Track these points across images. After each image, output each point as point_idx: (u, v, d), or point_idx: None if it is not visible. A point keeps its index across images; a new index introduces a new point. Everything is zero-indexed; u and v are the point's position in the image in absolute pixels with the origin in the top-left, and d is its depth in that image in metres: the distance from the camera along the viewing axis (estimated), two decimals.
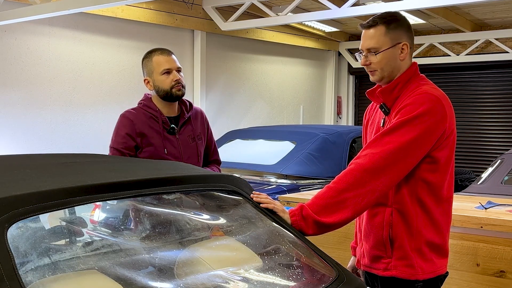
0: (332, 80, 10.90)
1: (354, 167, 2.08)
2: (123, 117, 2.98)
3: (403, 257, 2.18)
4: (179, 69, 2.98)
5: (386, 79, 2.24)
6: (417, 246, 2.17)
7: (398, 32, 2.20)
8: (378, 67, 2.21)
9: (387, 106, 2.25)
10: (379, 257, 2.23)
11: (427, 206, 2.17)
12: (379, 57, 2.19)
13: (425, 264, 2.18)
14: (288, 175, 5.28)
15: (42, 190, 1.59)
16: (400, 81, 2.22)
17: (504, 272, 2.92)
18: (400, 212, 2.17)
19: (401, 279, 2.18)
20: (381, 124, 2.28)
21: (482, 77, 9.96)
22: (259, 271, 1.92)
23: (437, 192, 2.18)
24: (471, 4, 6.95)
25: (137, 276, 1.76)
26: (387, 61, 2.20)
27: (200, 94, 8.10)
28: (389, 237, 2.19)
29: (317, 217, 2.02)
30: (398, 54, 2.20)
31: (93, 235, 2.19)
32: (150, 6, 7.30)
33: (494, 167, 5.14)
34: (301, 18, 7.33)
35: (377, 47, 2.19)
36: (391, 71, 2.22)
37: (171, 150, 2.94)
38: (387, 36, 2.18)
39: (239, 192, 2.10)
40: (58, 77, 6.61)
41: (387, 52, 2.19)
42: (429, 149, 2.12)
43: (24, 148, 6.25)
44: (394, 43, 2.19)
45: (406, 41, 2.21)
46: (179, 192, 2.07)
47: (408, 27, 2.24)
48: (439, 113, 2.12)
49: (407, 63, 2.25)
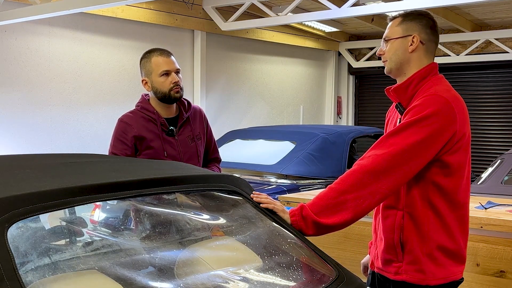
0: (332, 80, 10.90)
1: (356, 168, 2.05)
2: (121, 121, 2.97)
3: (414, 261, 2.14)
4: (178, 70, 2.94)
5: (395, 72, 2.22)
6: (428, 251, 2.13)
7: (412, 24, 2.19)
8: (387, 56, 2.21)
9: (402, 105, 2.21)
10: (390, 261, 2.19)
11: (440, 211, 2.12)
12: (389, 45, 2.20)
13: (437, 269, 2.13)
14: (288, 175, 5.28)
15: (42, 190, 1.59)
16: (414, 78, 2.17)
17: (504, 272, 2.92)
18: (411, 215, 2.13)
19: (412, 283, 2.15)
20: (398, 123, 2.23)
21: (482, 77, 9.96)
22: (259, 271, 1.92)
23: (452, 197, 2.13)
24: (471, 4, 6.94)
25: (137, 276, 1.76)
26: (395, 51, 2.19)
27: (200, 94, 8.10)
28: (400, 241, 2.15)
29: (317, 217, 1.99)
30: (407, 45, 2.18)
31: (93, 235, 2.19)
32: (150, 6, 7.30)
33: (494, 167, 5.14)
34: (301, 18, 7.33)
35: (389, 36, 2.21)
36: (399, 62, 2.19)
37: (171, 152, 2.92)
38: (400, 26, 2.19)
39: (239, 192, 2.10)
40: (58, 77, 6.61)
41: (396, 42, 2.19)
42: (436, 152, 2.06)
43: (24, 148, 6.25)
44: (405, 34, 2.18)
45: (418, 34, 2.18)
46: (179, 192, 2.07)
47: (427, 25, 2.20)
48: (447, 115, 2.05)
49: (421, 59, 2.19)
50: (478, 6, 7.99)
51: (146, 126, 2.92)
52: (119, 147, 2.90)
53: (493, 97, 9.90)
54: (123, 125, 2.94)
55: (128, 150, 2.89)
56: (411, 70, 2.19)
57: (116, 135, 2.94)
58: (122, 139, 2.91)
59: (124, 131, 2.91)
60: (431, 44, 2.21)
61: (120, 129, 2.94)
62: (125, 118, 2.97)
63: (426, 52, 2.20)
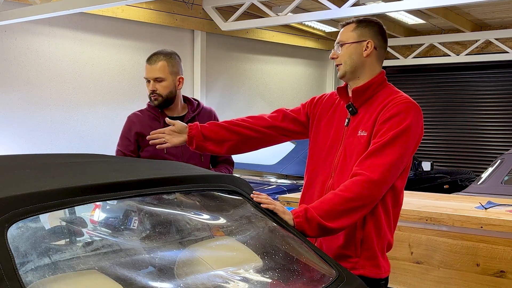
0: (332, 80, 10.90)
1: (363, 178, 2.10)
2: (127, 118, 3.09)
3: (372, 257, 2.24)
4: (157, 79, 2.97)
5: (349, 75, 2.29)
6: (382, 247, 2.26)
7: (366, 31, 2.27)
8: (342, 60, 2.28)
9: (355, 106, 2.29)
10: (347, 256, 2.26)
11: (388, 208, 2.25)
12: (343, 50, 2.27)
13: (385, 263, 2.29)
14: (288, 175, 5.28)
15: (42, 190, 1.59)
16: (373, 83, 2.27)
17: (504, 272, 2.93)
18: (372, 213, 2.21)
19: (369, 277, 2.24)
20: (346, 123, 2.31)
21: (482, 77, 9.96)
22: (259, 271, 1.92)
23: (398, 196, 2.27)
24: (471, 4, 6.95)
25: (137, 276, 1.76)
26: (349, 55, 2.26)
27: (200, 94, 8.10)
28: (361, 237, 2.24)
29: (323, 220, 2.05)
30: (362, 50, 2.26)
31: (93, 235, 2.19)
32: (150, 6, 7.30)
33: (494, 167, 5.14)
34: (301, 18, 7.33)
35: (343, 40, 2.28)
36: (354, 66, 2.27)
37: (171, 149, 2.97)
38: (354, 32, 2.27)
39: (239, 192, 2.10)
40: (58, 77, 6.61)
41: (351, 46, 2.26)
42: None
43: (24, 148, 6.25)
44: (360, 39, 2.26)
45: (372, 40, 2.26)
46: (179, 192, 2.07)
47: (379, 32, 2.30)
48: (422, 121, 2.23)
49: (373, 64, 2.29)
50: (478, 6, 8.00)
51: (150, 124, 3.00)
52: (124, 144, 3.03)
53: (493, 97, 9.90)
54: (127, 122, 3.07)
55: (131, 146, 3.01)
56: (365, 74, 2.29)
57: (122, 132, 3.06)
58: (126, 136, 3.03)
59: (129, 128, 3.03)
60: (382, 50, 2.33)
61: (126, 127, 3.06)
62: (132, 115, 3.09)
63: (378, 58, 2.31)
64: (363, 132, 2.23)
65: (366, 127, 2.23)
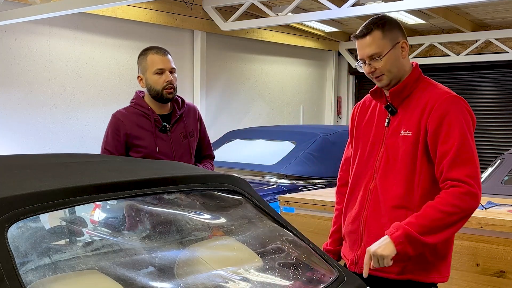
0: (332, 80, 10.90)
1: (462, 190, 2.07)
2: (113, 117, 3.01)
3: (421, 261, 2.18)
4: (172, 70, 2.97)
5: (394, 81, 2.24)
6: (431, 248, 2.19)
7: (393, 32, 2.21)
8: (385, 70, 2.20)
9: (394, 106, 2.25)
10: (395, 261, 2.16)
11: None
12: (384, 61, 2.19)
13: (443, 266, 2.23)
14: (288, 175, 5.28)
15: (42, 190, 1.59)
16: (409, 81, 2.23)
17: (504, 272, 2.92)
18: None
19: (418, 282, 2.19)
20: (386, 124, 2.27)
21: (482, 77, 9.95)
22: (259, 271, 1.92)
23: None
24: (471, 4, 6.95)
25: (137, 276, 1.76)
26: (392, 63, 2.19)
27: (200, 94, 8.11)
28: None
29: (424, 238, 2.04)
30: (400, 53, 2.22)
31: (93, 235, 2.19)
32: (150, 6, 7.30)
33: (494, 167, 5.14)
34: (301, 18, 7.33)
35: (380, 52, 2.18)
36: (398, 71, 2.22)
37: (163, 148, 2.95)
38: (386, 39, 2.19)
39: (239, 192, 2.10)
40: (58, 77, 6.61)
41: (390, 54, 2.19)
42: None
43: (24, 148, 6.25)
44: (394, 43, 2.20)
45: (403, 39, 2.23)
46: (179, 192, 2.07)
47: (399, 26, 2.26)
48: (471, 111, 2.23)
49: (408, 61, 2.26)
50: (478, 6, 7.99)
51: (139, 123, 2.96)
52: (112, 143, 2.95)
53: (493, 97, 9.90)
54: (114, 120, 2.99)
55: (119, 146, 2.95)
56: (406, 74, 2.25)
57: (109, 131, 2.99)
58: (114, 135, 2.96)
59: (117, 128, 2.96)
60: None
61: (113, 125, 2.98)
62: (117, 114, 3.01)
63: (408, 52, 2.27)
64: (407, 132, 2.19)
65: (409, 127, 2.18)
